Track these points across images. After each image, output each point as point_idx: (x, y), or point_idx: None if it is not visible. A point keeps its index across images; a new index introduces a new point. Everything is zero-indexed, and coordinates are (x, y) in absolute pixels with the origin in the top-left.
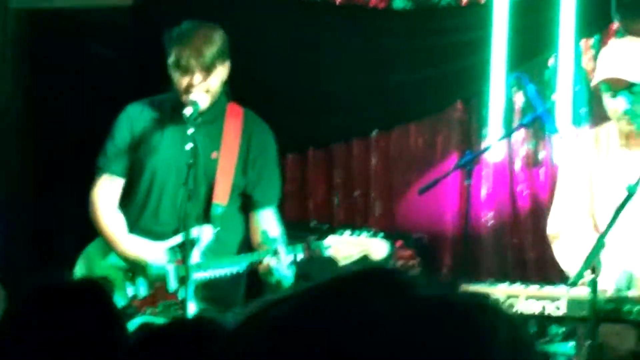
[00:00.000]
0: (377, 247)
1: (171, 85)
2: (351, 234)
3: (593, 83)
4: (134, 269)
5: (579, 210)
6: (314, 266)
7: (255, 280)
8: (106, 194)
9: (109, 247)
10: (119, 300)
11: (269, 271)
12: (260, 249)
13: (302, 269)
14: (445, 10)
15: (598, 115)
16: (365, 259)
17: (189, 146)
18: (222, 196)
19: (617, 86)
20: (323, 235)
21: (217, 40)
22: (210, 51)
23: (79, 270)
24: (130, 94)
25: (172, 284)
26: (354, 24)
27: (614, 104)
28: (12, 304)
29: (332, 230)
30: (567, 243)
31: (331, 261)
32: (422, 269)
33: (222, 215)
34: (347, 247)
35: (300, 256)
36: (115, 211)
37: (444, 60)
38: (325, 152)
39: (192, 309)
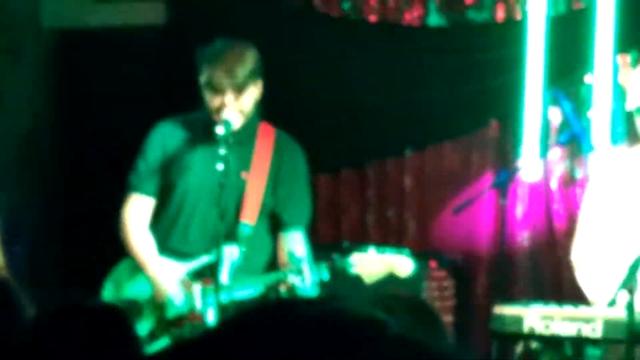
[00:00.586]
0: (402, 264)
1: (203, 103)
2: (377, 252)
3: (628, 107)
4: (158, 299)
5: (608, 233)
6: (341, 284)
7: None
8: (137, 213)
9: (137, 268)
10: (145, 324)
11: (291, 290)
12: (284, 269)
13: (330, 287)
14: (481, 27)
15: (634, 134)
16: (390, 276)
17: (220, 166)
18: (250, 216)
19: None
20: (348, 253)
21: (249, 59)
22: (243, 71)
23: (107, 292)
24: (163, 112)
25: (199, 304)
26: (388, 42)
27: None
28: (33, 321)
29: (357, 247)
30: (593, 269)
31: (357, 279)
32: (456, 290)
33: (250, 235)
34: (372, 264)
35: (325, 276)
36: (146, 232)
37: (479, 77)
38: (359, 172)
39: None
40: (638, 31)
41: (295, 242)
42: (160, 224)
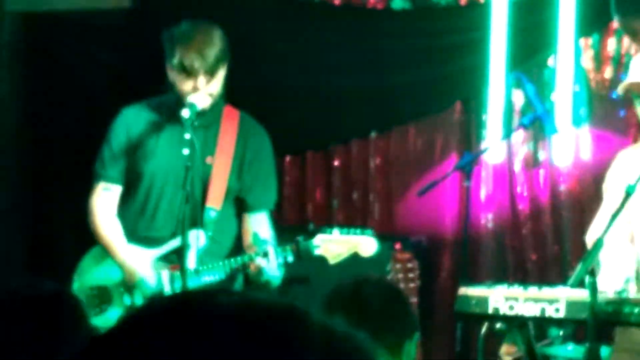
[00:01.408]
0: (366, 245)
1: (169, 86)
2: (340, 233)
3: (620, 90)
4: (130, 283)
5: (620, 221)
6: (306, 266)
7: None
8: (104, 201)
9: (105, 255)
10: (116, 310)
11: (259, 272)
12: (249, 250)
13: (296, 270)
14: (444, 10)
15: (597, 116)
16: (355, 256)
17: (186, 151)
18: (215, 200)
19: None
20: (312, 235)
21: (218, 41)
22: (214, 53)
23: (77, 279)
24: (129, 96)
25: (167, 289)
26: (353, 25)
27: None
28: None
29: (322, 229)
30: (604, 254)
31: (322, 260)
32: (420, 272)
33: (215, 219)
34: (336, 245)
35: (290, 257)
36: (114, 218)
37: (442, 60)
38: (324, 154)
39: None
40: (600, 15)
41: (259, 224)
42: (128, 211)
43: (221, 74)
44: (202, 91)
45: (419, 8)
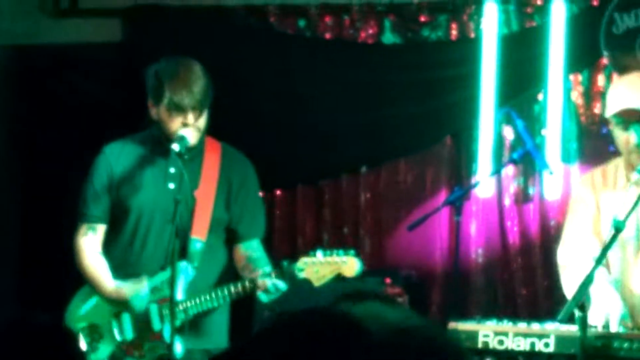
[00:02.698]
0: (349, 265)
1: (148, 120)
2: (323, 255)
3: (606, 114)
4: (119, 308)
5: (587, 243)
6: (292, 290)
7: (239, 310)
8: (89, 241)
9: (92, 293)
10: (107, 346)
11: (267, 290)
12: (245, 271)
13: (289, 300)
14: (435, 45)
15: (587, 151)
16: (338, 277)
17: (172, 185)
18: (200, 232)
19: (630, 119)
20: (296, 258)
21: (202, 75)
22: (201, 89)
23: (68, 317)
24: (118, 128)
25: (156, 323)
26: (343, 59)
27: (626, 137)
28: None
29: (304, 253)
30: (573, 274)
31: (306, 283)
32: (410, 306)
33: (201, 250)
34: (319, 267)
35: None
36: (99, 256)
37: (433, 95)
38: (314, 189)
39: (178, 348)
40: (590, 51)
41: (253, 250)
42: (116, 247)
43: (206, 108)
44: (191, 127)
45: (410, 43)
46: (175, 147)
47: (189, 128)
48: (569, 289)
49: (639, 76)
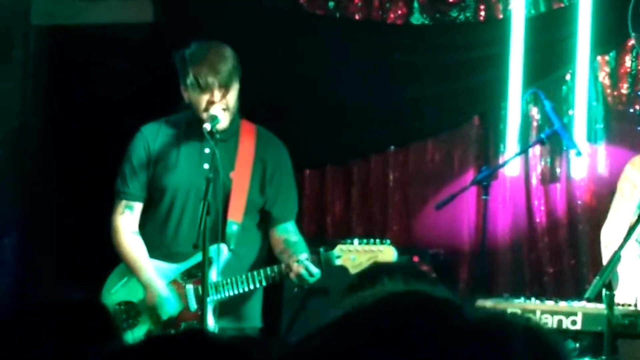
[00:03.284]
0: (385, 254)
1: (183, 105)
2: (360, 243)
3: None
4: (150, 304)
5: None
6: (324, 277)
7: (271, 293)
8: (126, 219)
9: (129, 272)
10: (145, 325)
11: (300, 277)
12: (283, 255)
13: (318, 280)
14: (463, 26)
15: (614, 132)
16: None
17: (206, 165)
18: (236, 214)
19: None
20: (332, 245)
21: (230, 57)
22: (227, 68)
23: (105, 295)
24: (150, 109)
25: (193, 303)
26: (372, 40)
27: None
28: None
29: (342, 240)
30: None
31: (343, 270)
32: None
33: (237, 232)
34: (356, 255)
35: (314, 269)
36: (136, 236)
37: (461, 75)
38: (343, 168)
39: (210, 323)
40: (617, 33)
41: (288, 233)
42: (151, 227)
43: (235, 87)
44: (218, 104)
45: (438, 23)
46: (207, 126)
47: (218, 107)
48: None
49: None
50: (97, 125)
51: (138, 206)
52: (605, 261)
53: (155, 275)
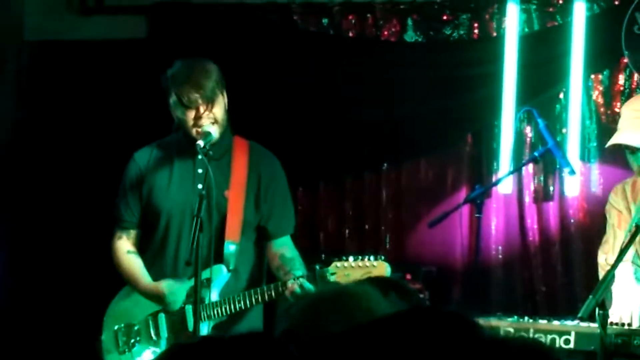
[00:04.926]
0: (379, 269)
1: (175, 127)
2: (354, 259)
3: (608, 144)
4: (155, 309)
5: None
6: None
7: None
8: (122, 241)
9: (130, 293)
10: (144, 346)
11: (294, 294)
12: (279, 271)
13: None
14: (457, 43)
15: (607, 150)
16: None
17: (200, 186)
18: (234, 234)
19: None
20: (327, 263)
21: (213, 71)
22: (210, 82)
23: (105, 325)
24: (143, 124)
25: (191, 323)
26: (366, 57)
27: (633, 160)
28: None
29: (336, 257)
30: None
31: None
32: (431, 302)
33: (235, 252)
34: (350, 271)
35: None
36: (132, 254)
37: (454, 93)
38: (336, 185)
39: None
40: (611, 52)
41: (284, 248)
42: (151, 251)
43: (221, 100)
44: (206, 119)
45: (432, 41)
46: (200, 143)
47: (206, 121)
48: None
49: (631, 109)
50: (90, 140)
51: (133, 232)
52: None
53: (155, 283)
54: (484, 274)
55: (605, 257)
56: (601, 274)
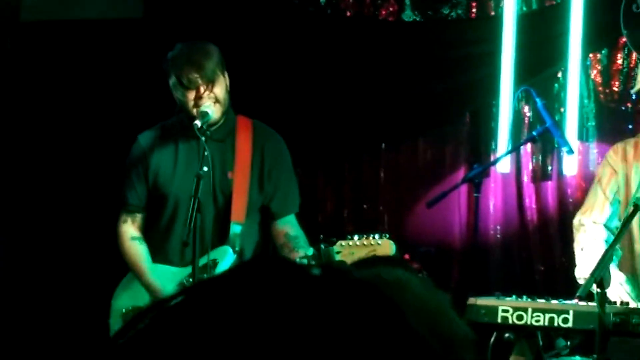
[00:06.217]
0: (384, 248)
1: (177, 109)
2: (359, 237)
3: (634, 90)
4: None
5: (605, 210)
6: None
7: None
8: (127, 226)
9: (134, 279)
10: None
11: None
12: (284, 249)
13: None
14: (455, 23)
15: (605, 129)
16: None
17: (205, 168)
18: (239, 215)
19: None
20: (332, 242)
21: (213, 52)
22: (210, 63)
23: (113, 306)
24: (140, 104)
25: None
26: (363, 37)
27: None
28: None
29: (332, 239)
30: (586, 238)
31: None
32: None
33: (240, 233)
34: (355, 249)
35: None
36: (139, 243)
37: (452, 73)
38: (335, 166)
39: None
40: (609, 31)
41: (289, 226)
42: (156, 233)
43: (222, 81)
44: (207, 98)
45: (429, 20)
46: (198, 122)
47: (207, 100)
48: (580, 249)
49: None
50: (88, 121)
51: (139, 215)
52: (575, 244)
53: (155, 278)
54: (483, 254)
55: (579, 219)
56: (575, 235)
